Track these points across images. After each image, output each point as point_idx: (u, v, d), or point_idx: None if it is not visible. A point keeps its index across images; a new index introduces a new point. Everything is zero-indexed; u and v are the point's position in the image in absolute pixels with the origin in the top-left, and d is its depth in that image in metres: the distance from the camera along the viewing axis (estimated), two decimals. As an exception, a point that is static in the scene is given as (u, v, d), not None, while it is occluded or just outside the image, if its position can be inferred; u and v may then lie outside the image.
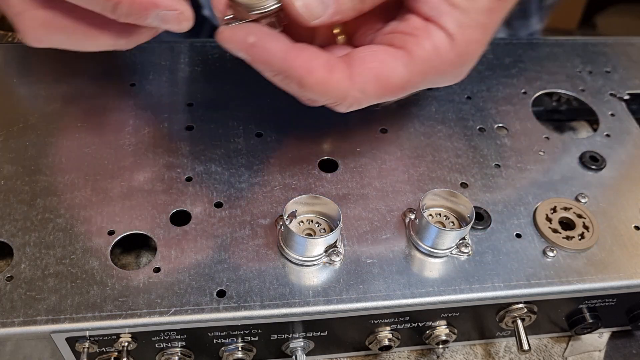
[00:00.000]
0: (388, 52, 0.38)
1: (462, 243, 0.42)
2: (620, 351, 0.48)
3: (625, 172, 0.50)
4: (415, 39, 0.38)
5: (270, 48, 0.36)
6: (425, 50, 0.38)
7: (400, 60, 0.38)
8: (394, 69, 0.38)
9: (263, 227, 0.42)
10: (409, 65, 0.38)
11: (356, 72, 0.37)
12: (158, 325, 0.37)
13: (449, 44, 0.38)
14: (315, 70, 0.36)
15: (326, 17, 0.36)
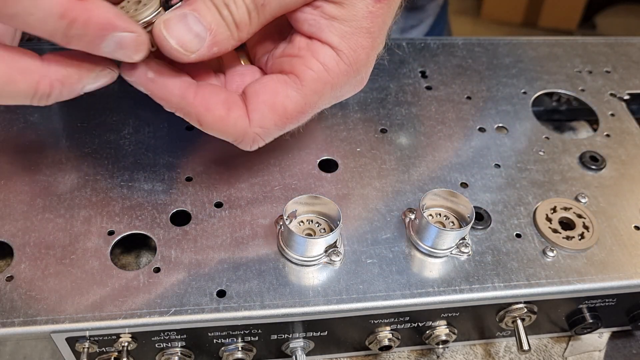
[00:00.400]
0: (279, 81, 0.38)
1: (462, 243, 0.42)
2: (620, 351, 0.48)
3: (625, 172, 0.50)
4: (302, 60, 0.38)
5: (168, 85, 0.36)
6: (313, 70, 0.38)
7: (292, 87, 0.38)
8: (287, 97, 0.38)
9: (263, 227, 0.42)
10: (302, 90, 0.38)
11: (251, 108, 0.38)
12: (158, 325, 0.37)
13: (336, 58, 0.38)
14: (213, 109, 0.37)
15: (204, 51, 0.36)
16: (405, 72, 0.56)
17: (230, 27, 0.36)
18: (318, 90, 0.38)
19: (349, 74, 0.39)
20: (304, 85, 0.38)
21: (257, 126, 0.38)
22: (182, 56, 0.36)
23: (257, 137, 0.38)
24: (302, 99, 0.38)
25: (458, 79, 0.56)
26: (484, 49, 0.59)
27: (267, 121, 0.38)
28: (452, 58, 0.58)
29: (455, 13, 2.22)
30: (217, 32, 0.36)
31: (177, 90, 0.37)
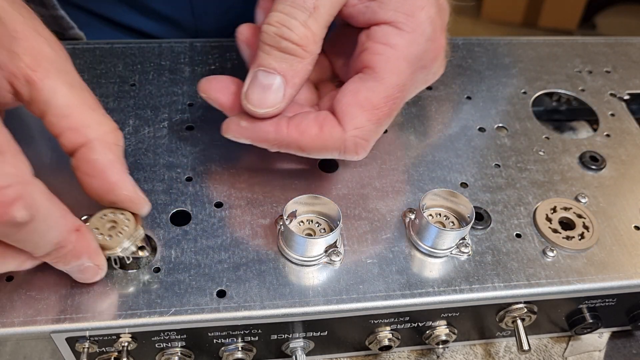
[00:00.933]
0: (357, 80, 0.39)
1: (462, 243, 0.42)
2: (620, 351, 0.48)
3: (625, 172, 0.50)
4: (368, 50, 0.39)
5: (261, 127, 0.39)
6: (380, 54, 0.38)
7: (369, 79, 0.39)
8: (368, 90, 0.38)
9: (263, 227, 0.42)
10: (378, 77, 0.38)
11: (341, 115, 0.38)
12: (158, 325, 0.37)
13: (396, 31, 0.38)
14: (306, 130, 0.38)
15: (289, 92, 0.38)
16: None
17: (296, 52, 0.38)
18: (394, 70, 0.38)
19: (417, 40, 0.39)
20: (378, 72, 0.38)
21: (352, 129, 0.38)
22: (273, 112, 0.39)
23: (358, 139, 0.39)
24: (383, 85, 0.38)
25: (458, 79, 0.56)
26: (484, 49, 0.59)
27: (359, 120, 0.38)
28: (452, 58, 0.58)
29: (455, 13, 2.22)
30: (287, 69, 0.38)
31: (270, 127, 0.39)
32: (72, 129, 0.35)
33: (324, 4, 0.38)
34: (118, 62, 0.53)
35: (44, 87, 0.34)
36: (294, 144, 0.39)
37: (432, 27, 0.39)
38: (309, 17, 0.37)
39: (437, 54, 0.41)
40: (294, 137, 0.39)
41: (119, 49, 0.54)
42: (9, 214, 0.29)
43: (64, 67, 0.36)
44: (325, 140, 0.39)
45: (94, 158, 0.36)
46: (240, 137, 0.40)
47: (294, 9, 0.37)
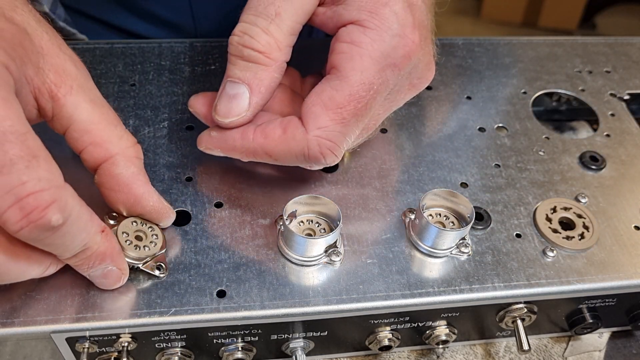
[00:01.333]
0: (323, 81, 0.38)
1: (462, 243, 0.42)
2: (620, 351, 0.48)
3: (625, 172, 0.50)
4: (334, 51, 0.38)
5: (229, 135, 0.39)
6: (344, 52, 0.38)
7: (333, 78, 0.38)
8: (331, 89, 0.37)
9: (263, 227, 0.42)
10: (342, 75, 0.37)
11: (304, 116, 0.38)
12: (158, 326, 0.37)
13: (360, 29, 0.38)
14: (270, 134, 0.38)
15: (255, 100, 0.38)
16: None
17: (259, 59, 0.38)
18: (358, 68, 0.37)
19: (382, 36, 0.38)
20: (342, 70, 0.38)
21: (314, 129, 0.37)
22: (239, 121, 0.39)
23: (321, 139, 0.38)
24: (346, 83, 0.37)
25: (458, 79, 0.56)
26: (484, 49, 0.59)
27: (321, 120, 0.37)
28: (452, 58, 0.58)
29: (455, 13, 2.22)
30: (252, 77, 0.38)
31: (237, 135, 0.39)
32: (94, 144, 0.36)
33: (286, 10, 0.37)
34: (118, 62, 0.53)
35: (66, 102, 0.35)
36: (260, 150, 0.39)
37: (398, 22, 0.38)
38: (271, 24, 0.37)
39: (407, 50, 0.38)
40: (259, 142, 0.39)
41: (119, 49, 0.54)
42: (45, 218, 0.30)
43: (86, 84, 0.37)
44: (288, 142, 0.38)
45: (118, 172, 0.36)
46: (212, 146, 0.41)
47: (256, 17, 0.37)
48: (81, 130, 0.36)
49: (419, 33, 0.39)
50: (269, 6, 0.37)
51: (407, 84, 0.41)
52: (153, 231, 0.40)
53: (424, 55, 0.40)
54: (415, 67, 0.40)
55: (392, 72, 0.39)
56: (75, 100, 0.35)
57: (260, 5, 0.38)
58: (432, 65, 0.43)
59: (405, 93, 0.42)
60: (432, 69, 0.43)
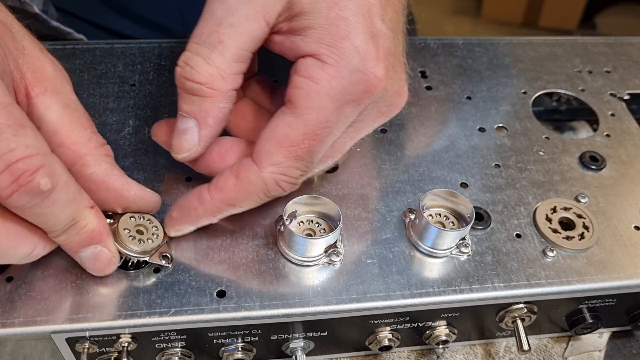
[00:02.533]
0: (277, 115, 0.37)
1: (462, 243, 0.42)
2: (620, 351, 0.48)
3: (625, 172, 0.50)
4: (291, 84, 0.37)
5: (188, 207, 0.39)
6: (301, 87, 0.36)
7: (288, 113, 0.36)
8: (285, 125, 0.36)
9: (263, 227, 0.42)
10: (297, 111, 0.36)
11: (257, 153, 0.37)
12: (158, 326, 0.37)
13: (318, 63, 0.36)
14: (224, 187, 0.38)
15: (204, 134, 0.38)
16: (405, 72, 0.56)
17: (201, 91, 0.36)
18: (314, 106, 0.36)
19: (341, 73, 0.36)
20: (298, 107, 0.36)
21: (268, 166, 0.37)
22: (191, 155, 0.38)
23: (276, 176, 0.37)
24: (302, 121, 0.36)
25: (458, 79, 0.56)
26: (484, 49, 0.59)
27: (274, 157, 0.37)
28: (452, 58, 0.58)
29: (455, 13, 2.22)
30: (197, 110, 0.37)
31: (195, 202, 0.39)
32: (63, 146, 0.36)
33: (230, 37, 0.36)
34: (118, 62, 0.53)
35: (38, 102, 0.35)
36: (223, 204, 0.38)
37: (359, 57, 0.36)
38: (213, 52, 0.36)
39: (369, 85, 0.37)
40: (218, 198, 0.38)
41: (119, 49, 0.54)
42: (34, 181, 0.30)
43: (62, 87, 0.37)
44: (245, 187, 0.37)
45: (90, 172, 0.36)
46: (178, 226, 0.40)
47: (198, 46, 0.36)
48: (50, 132, 0.35)
49: (383, 64, 0.37)
50: (212, 34, 0.36)
51: (375, 112, 0.40)
52: (152, 223, 0.40)
53: (391, 84, 0.39)
54: (382, 97, 0.39)
55: (351, 108, 0.37)
56: (48, 101, 0.36)
57: (203, 34, 0.36)
58: (403, 91, 0.41)
59: (373, 121, 0.41)
60: (403, 94, 0.41)
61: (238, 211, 0.39)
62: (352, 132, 0.40)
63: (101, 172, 0.37)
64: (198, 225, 0.40)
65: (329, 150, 0.40)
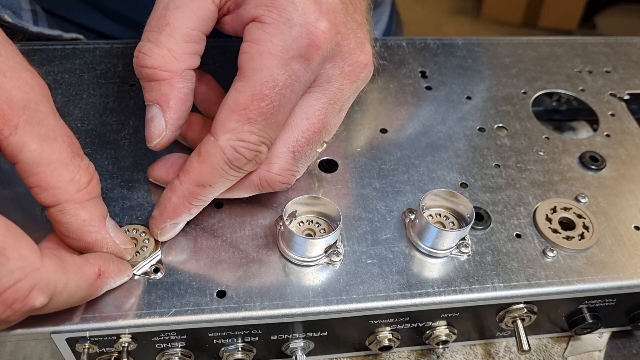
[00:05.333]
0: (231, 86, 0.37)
1: (462, 243, 0.42)
2: (620, 351, 0.48)
3: (625, 172, 0.50)
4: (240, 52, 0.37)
5: (164, 201, 0.39)
6: (245, 51, 0.36)
7: (238, 78, 0.36)
8: (235, 91, 0.36)
9: (263, 227, 0.42)
10: (243, 75, 0.36)
11: (213, 126, 0.37)
12: (158, 326, 0.37)
13: (259, 25, 0.36)
14: (190, 166, 0.37)
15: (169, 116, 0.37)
16: (405, 72, 0.56)
17: (156, 75, 0.37)
18: (258, 66, 0.35)
19: (280, 29, 0.35)
20: (244, 70, 0.36)
21: (222, 134, 0.36)
22: (163, 141, 0.38)
23: (233, 142, 0.36)
24: (248, 83, 0.36)
25: (458, 79, 0.56)
26: (484, 49, 0.59)
27: (227, 123, 0.36)
28: (452, 58, 0.58)
29: (455, 13, 2.22)
30: (158, 95, 0.37)
31: (167, 193, 0.39)
32: (41, 188, 0.33)
33: (176, 18, 0.36)
34: (118, 62, 0.53)
35: (9, 145, 0.32)
36: (194, 187, 0.37)
37: (298, 11, 0.36)
38: (161, 35, 0.36)
39: (312, 38, 0.36)
40: (186, 181, 0.37)
41: (119, 49, 0.54)
42: (28, 305, 0.30)
43: (36, 114, 0.33)
44: (207, 161, 0.36)
45: (66, 221, 0.35)
46: (163, 225, 0.39)
47: (149, 32, 0.37)
48: (27, 172, 0.33)
49: (326, 18, 0.36)
50: (160, 19, 0.37)
51: (337, 72, 0.39)
52: (145, 235, 0.40)
53: (345, 40, 0.38)
54: (338, 54, 0.38)
55: (299, 64, 0.36)
56: (20, 140, 0.32)
57: (152, 20, 0.37)
58: (366, 47, 0.40)
59: (341, 83, 0.39)
60: (366, 51, 0.40)
61: (212, 193, 0.38)
62: (324, 97, 0.39)
63: (77, 224, 0.35)
64: (178, 219, 0.39)
65: (312, 123, 0.39)
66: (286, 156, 0.39)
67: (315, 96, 0.39)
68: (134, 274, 0.39)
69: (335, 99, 0.40)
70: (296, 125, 0.39)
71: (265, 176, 0.39)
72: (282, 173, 0.40)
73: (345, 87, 0.40)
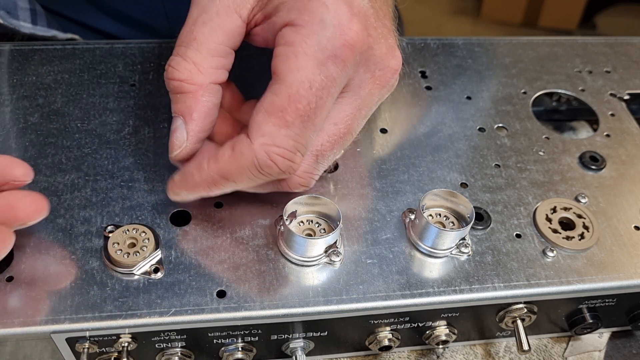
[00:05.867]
0: (266, 90, 0.37)
1: (462, 243, 0.42)
2: (620, 351, 0.48)
3: (625, 172, 0.50)
4: (274, 57, 0.37)
5: (187, 172, 0.40)
6: (280, 54, 0.36)
7: (273, 83, 0.37)
8: (271, 94, 0.36)
9: (263, 227, 0.42)
10: (280, 78, 0.36)
11: (249, 128, 0.37)
12: (158, 326, 0.37)
13: (293, 28, 0.36)
14: (220, 157, 0.38)
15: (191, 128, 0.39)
16: (405, 72, 0.56)
17: (182, 88, 0.38)
18: (294, 67, 0.36)
19: (314, 30, 0.36)
20: (279, 73, 0.36)
21: (258, 137, 0.36)
22: (183, 152, 0.39)
23: (268, 147, 0.36)
24: (284, 85, 0.36)
25: (458, 79, 0.56)
26: (484, 49, 0.59)
27: (265, 127, 0.36)
28: (452, 58, 0.58)
29: (455, 13, 2.22)
30: (182, 107, 0.38)
31: (194, 169, 0.39)
32: None
33: (203, 33, 0.37)
34: (118, 62, 0.53)
35: None
36: (217, 175, 0.38)
37: (330, 13, 0.36)
38: (188, 49, 0.37)
39: (346, 39, 0.36)
40: (213, 168, 0.38)
41: (119, 49, 0.54)
42: None
43: None
44: (238, 159, 0.37)
45: None
46: (177, 189, 0.40)
47: (178, 47, 0.38)
48: None
49: (358, 20, 0.37)
50: (189, 34, 0.38)
51: (369, 77, 0.39)
52: (145, 235, 0.40)
53: (376, 44, 0.38)
54: (370, 57, 0.38)
55: (334, 65, 0.36)
56: None
57: (182, 35, 0.38)
58: (396, 53, 0.40)
59: (371, 88, 0.40)
60: (397, 56, 0.40)
61: (233, 187, 0.39)
62: (354, 103, 0.39)
63: None
64: (195, 193, 0.40)
65: (339, 128, 0.39)
66: (309, 159, 0.39)
67: (346, 101, 0.39)
68: (133, 273, 0.39)
69: (363, 105, 0.40)
70: (323, 129, 0.39)
71: (287, 178, 0.40)
72: (303, 175, 0.40)
73: (374, 92, 0.40)
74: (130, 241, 0.40)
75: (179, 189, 0.40)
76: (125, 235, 0.40)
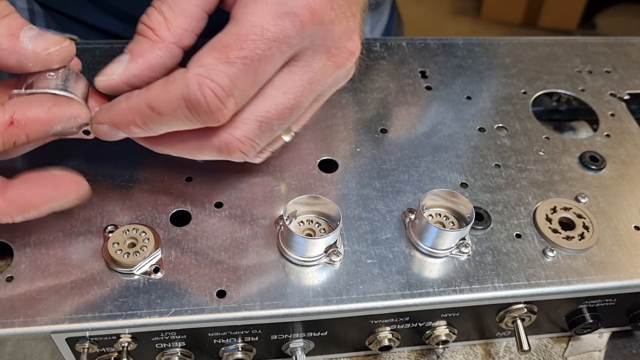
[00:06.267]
0: None
1: (462, 243, 0.42)
2: (620, 351, 0.48)
3: (625, 172, 0.50)
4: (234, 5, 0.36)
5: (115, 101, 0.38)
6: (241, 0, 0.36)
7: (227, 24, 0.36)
8: (223, 32, 0.35)
9: (263, 227, 0.42)
10: (233, 19, 0.35)
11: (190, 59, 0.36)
12: (158, 326, 0.37)
13: None
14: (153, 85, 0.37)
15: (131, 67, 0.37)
16: (405, 72, 0.56)
17: (146, 33, 0.37)
18: (249, 11, 0.35)
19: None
20: (234, 15, 0.35)
21: (195, 67, 0.35)
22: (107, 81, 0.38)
23: (202, 78, 0.34)
24: (236, 25, 0.35)
25: (458, 79, 0.56)
26: (484, 49, 0.59)
27: (205, 59, 0.35)
28: (452, 58, 0.58)
29: (455, 13, 2.22)
30: (135, 47, 0.37)
31: (122, 97, 0.37)
32: None
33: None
34: (118, 62, 0.53)
35: None
36: (144, 104, 0.36)
37: None
38: (163, 5, 0.37)
39: (309, 2, 0.35)
40: (142, 95, 0.36)
41: (119, 49, 0.54)
42: None
43: None
44: (169, 87, 0.35)
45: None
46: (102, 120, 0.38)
47: (155, 1, 0.38)
48: None
49: None
50: None
51: (324, 52, 0.38)
52: (145, 235, 0.40)
53: (337, 19, 0.37)
54: (329, 32, 0.37)
55: (291, 23, 0.35)
56: None
57: None
58: (355, 37, 0.39)
59: (324, 64, 0.38)
60: (355, 40, 0.39)
61: (159, 124, 0.37)
62: (306, 75, 0.38)
63: None
64: (119, 129, 0.38)
65: (288, 98, 0.38)
66: (252, 124, 0.38)
67: (297, 71, 0.38)
68: (133, 273, 0.39)
69: (315, 79, 0.39)
70: (270, 96, 0.38)
71: (226, 139, 0.38)
72: (244, 140, 0.38)
73: (328, 69, 0.39)
74: (130, 241, 0.40)
75: (102, 118, 0.38)
76: (125, 235, 0.40)
